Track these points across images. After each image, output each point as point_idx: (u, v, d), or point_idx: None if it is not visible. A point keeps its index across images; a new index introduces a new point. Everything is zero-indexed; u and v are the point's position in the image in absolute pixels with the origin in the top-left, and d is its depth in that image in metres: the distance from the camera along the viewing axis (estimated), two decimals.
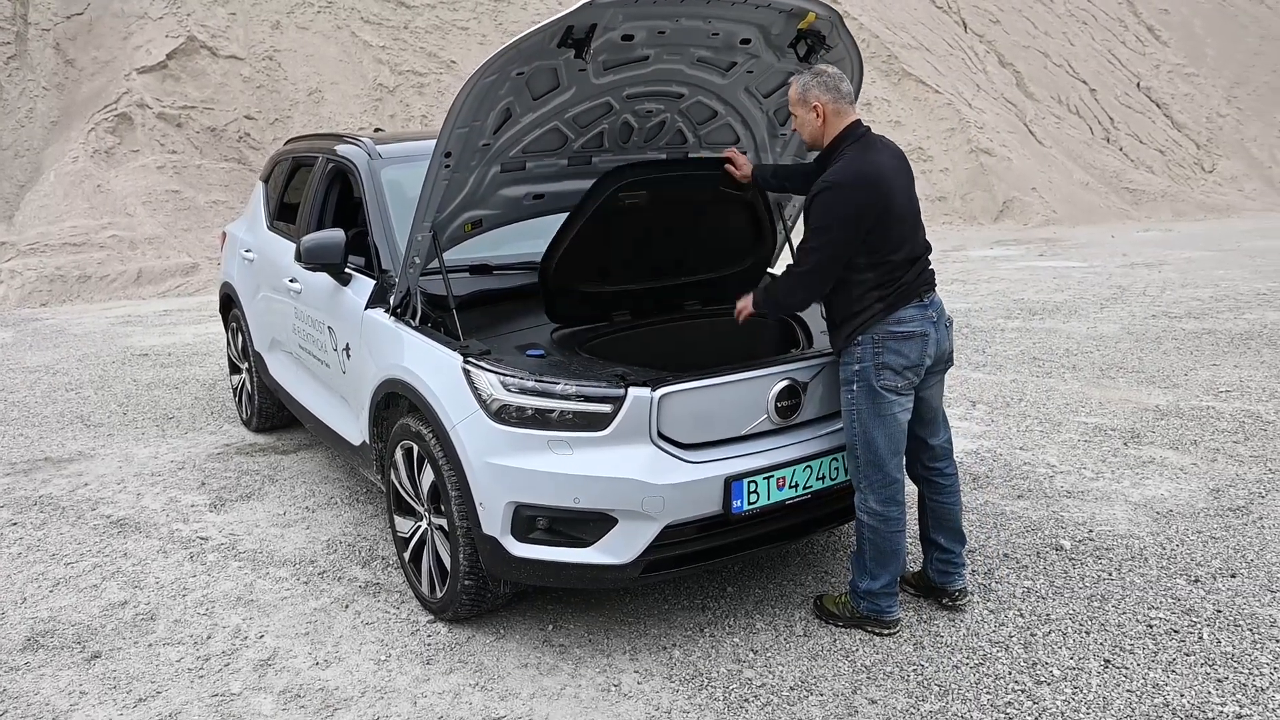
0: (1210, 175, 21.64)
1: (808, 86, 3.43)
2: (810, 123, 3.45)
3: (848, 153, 3.38)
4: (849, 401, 3.44)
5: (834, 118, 3.43)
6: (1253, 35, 26.26)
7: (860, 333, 3.38)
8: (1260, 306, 9.33)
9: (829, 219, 3.30)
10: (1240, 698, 3.14)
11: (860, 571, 3.55)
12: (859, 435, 3.42)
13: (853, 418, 3.43)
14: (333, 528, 4.59)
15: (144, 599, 3.97)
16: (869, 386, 3.38)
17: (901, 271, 3.39)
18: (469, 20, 18.15)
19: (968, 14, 23.25)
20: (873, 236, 3.32)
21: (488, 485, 3.30)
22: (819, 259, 3.34)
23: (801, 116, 3.47)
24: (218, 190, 14.15)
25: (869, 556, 3.51)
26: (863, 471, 3.45)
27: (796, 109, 3.48)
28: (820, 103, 3.41)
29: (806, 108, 3.44)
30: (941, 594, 3.75)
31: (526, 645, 3.54)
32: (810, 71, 3.47)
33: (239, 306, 5.84)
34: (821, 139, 3.47)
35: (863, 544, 3.52)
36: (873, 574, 3.51)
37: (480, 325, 3.74)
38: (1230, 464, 5.17)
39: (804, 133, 3.51)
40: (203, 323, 9.85)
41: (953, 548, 3.71)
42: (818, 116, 3.43)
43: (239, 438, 5.96)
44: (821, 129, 3.45)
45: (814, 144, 3.52)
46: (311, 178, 5.09)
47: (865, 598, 3.55)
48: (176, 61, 15.16)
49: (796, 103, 3.47)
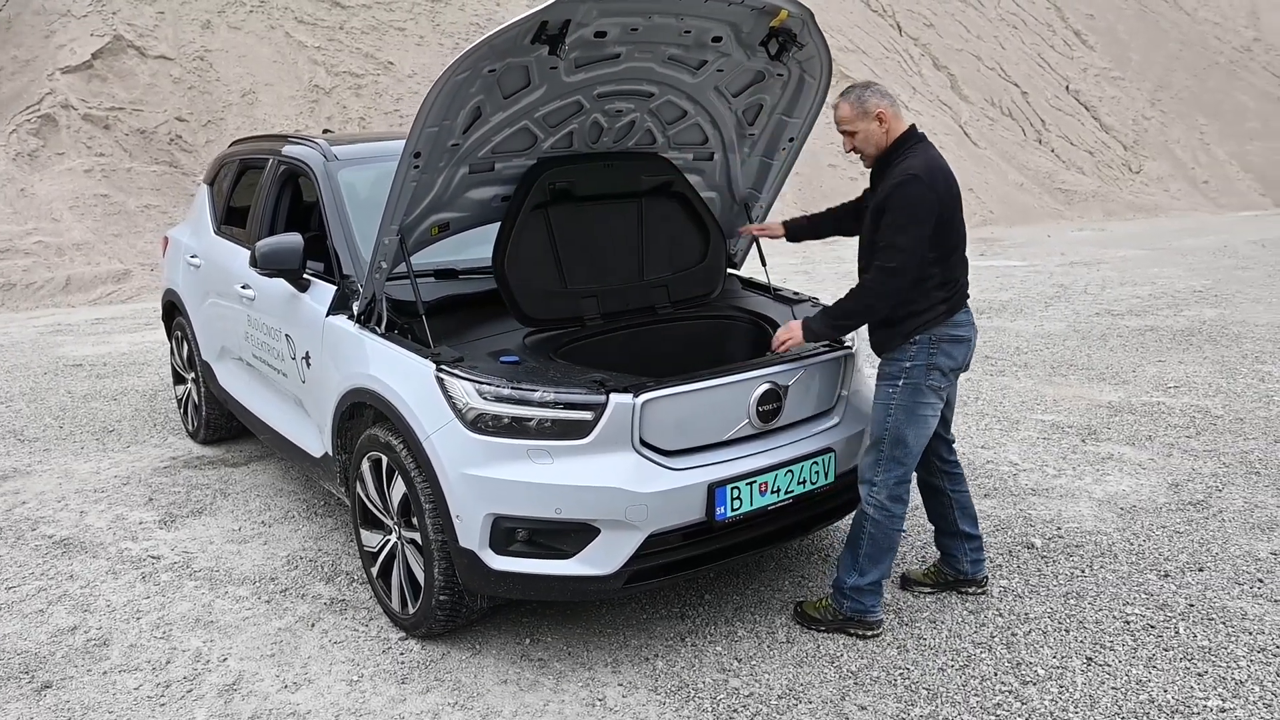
0: (1138, 176, 22.24)
1: (863, 97, 3.39)
2: (875, 132, 3.40)
3: (915, 150, 3.36)
4: (888, 396, 3.42)
5: (895, 121, 3.40)
6: (1173, 41, 27.11)
7: (919, 332, 3.37)
8: (1197, 304, 9.57)
9: (917, 211, 3.25)
10: (1221, 691, 3.17)
11: (849, 568, 3.52)
12: (890, 431, 3.42)
13: (888, 413, 3.42)
14: (292, 543, 4.43)
15: (95, 623, 3.77)
16: (916, 386, 3.37)
17: (959, 271, 3.40)
18: (405, 21, 17.87)
19: (902, 18, 23.59)
20: (940, 232, 3.31)
21: (465, 497, 3.19)
22: (905, 257, 3.27)
23: (864, 129, 3.40)
24: (149, 194, 13.70)
25: (864, 552, 3.49)
26: (882, 466, 3.45)
27: (856, 124, 3.40)
28: (882, 109, 3.37)
29: (869, 118, 3.38)
30: (970, 584, 3.82)
31: (504, 660, 3.44)
32: (853, 87, 3.44)
33: (184, 314, 5.61)
34: (886, 148, 3.41)
35: (860, 538, 3.49)
36: (862, 570, 3.49)
37: (449, 331, 3.62)
38: (1186, 459, 5.25)
39: (868, 146, 3.43)
40: (139, 331, 9.50)
41: (977, 533, 3.81)
42: (882, 124, 3.38)
43: (186, 450, 5.73)
44: (887, 137, 3.39)
45: (877, 154, 3.44)
46: (262, 180, 4.91)
47: (850, 595, 3.52)
48: (103, 61, 14.66)
49: (855, 118, 3.40)
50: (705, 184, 4.41)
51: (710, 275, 4.26)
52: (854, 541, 3.53)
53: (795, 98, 4.04)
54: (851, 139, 3.45)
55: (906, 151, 3.38)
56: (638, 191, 4.09)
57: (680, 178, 4.17)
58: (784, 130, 4.20)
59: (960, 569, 3.82)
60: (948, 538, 3.82)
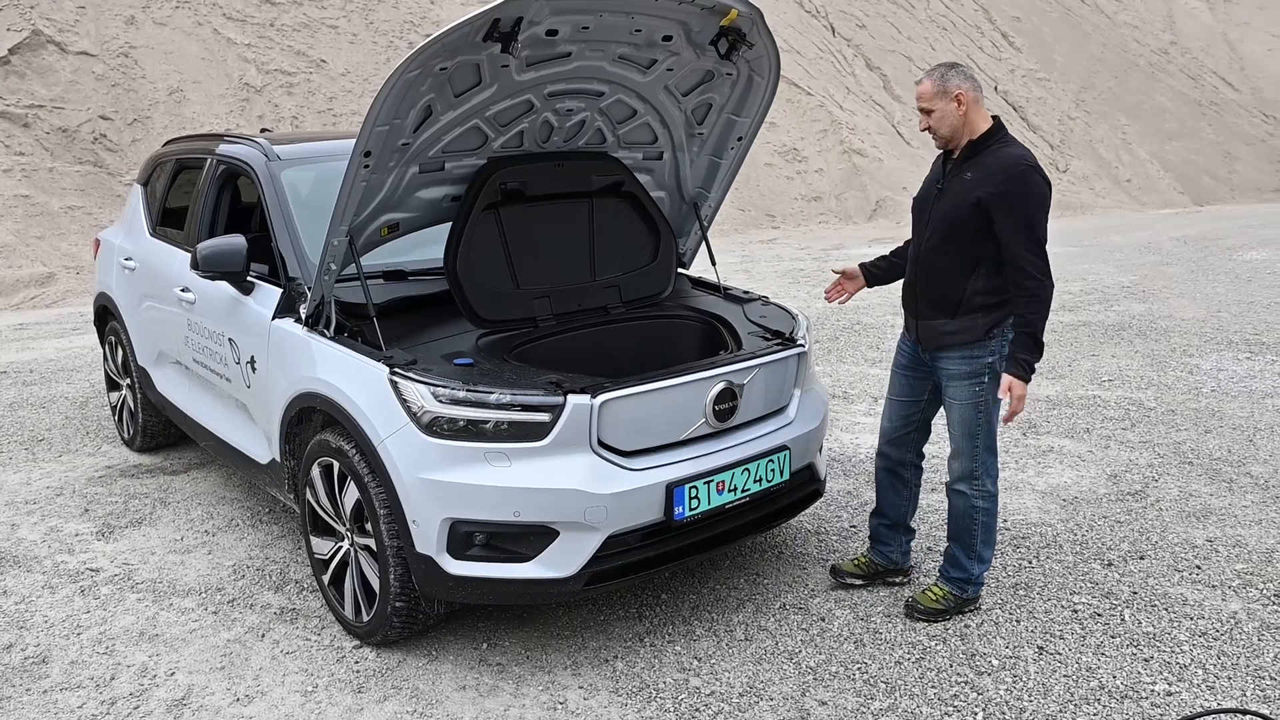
0: (1065, 175, 22.80)
1: (946, 76, 3.34)
2: (951, 114, 3.34)
3: (1011, 140, 3.37)
4: (977, 394, 3.45)
5: (975, 107, 3.35)
6: (1095, 43, 27.87)
7: (1000, 324, 3.40)
8: (1126, 299, 9.84)
9: (1044, 201, 3.28)
10: (1167, 675, 3.26)
11: (969, 558, 3.61)
12: (983, 425, 3.49)
13: (979, 409, 3.47)
14: (237, 551, 4.32)
15: (32, 640, 3.64)
16: (998, 376, 3.40)
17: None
18: (338, 18, 17.56)
19: (835, 19, 23.88)
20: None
21: (421, 502, 3.14)
22: (1043, 247, 3.28)
23: (941, 108, 3.34)
24: (73, 195, 13.26)
25: (980, 540, 3.59)
26: (980, 458, 3.53)
27: (935, 102, 3.34)
28: (962, 90, 3.32)
29: (947, 98, 3.33)
30: (898, 574, 3.91)
31: (462, 666, 3.39)
32: (938, 66, 3.40)
33: (118, 318, 5.44)
34: (961, 132, 3.37)
35: (974, 529, 3.59)
36: (982, 556, 3.62)
37: (400, 334, 3.56)
38: (1123, 450, 5.40)
39: (943, 128, 3.37)
40: (66, 336, 9.20)
41: (914, 528, 3.95)
42: (960, 106, 3.33)
43: (121, 459, 5.56)
44: (963, 120, 3.35)
45: (951, 138, 3.40)
46: (200, 181, 4.78)
47: (975, 583, 3.64)
48: (20, 57, 14.15)
49: (935, 95, 3.34)
50: (655, 183, 4.41)
51: (661, 275, 4.26)
52: (964, 535, 3.61)
53: (744, 97, 4.06)
54: (928, 117, 3.40)
55: (1004, 140, 3.36)
56: (588, 191, 4.07)
57: (631, 177, 4.16)
58: (732, 129, 4.22)
59: (893, 559, 3.89)
60: (889, 529, 3.87)
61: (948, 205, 3.40)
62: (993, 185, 3.27)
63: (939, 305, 3.46)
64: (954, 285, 3.42)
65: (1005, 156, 3.31)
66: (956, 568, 3.65)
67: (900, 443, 3.77)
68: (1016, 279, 3.29)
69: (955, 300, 3.42)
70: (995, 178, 3.27)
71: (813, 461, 3.84)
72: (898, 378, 3.75)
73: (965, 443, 3.53)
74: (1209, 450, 5.34)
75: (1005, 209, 3.25)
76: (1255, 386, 6.55)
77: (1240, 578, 3.91)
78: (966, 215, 3.33)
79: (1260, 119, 29.55)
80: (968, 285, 3.39)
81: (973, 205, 3.30)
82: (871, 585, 3.88)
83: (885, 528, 3.88)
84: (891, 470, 3.82)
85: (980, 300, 3.39)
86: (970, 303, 3.40)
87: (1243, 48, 32.34)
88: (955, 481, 3.60)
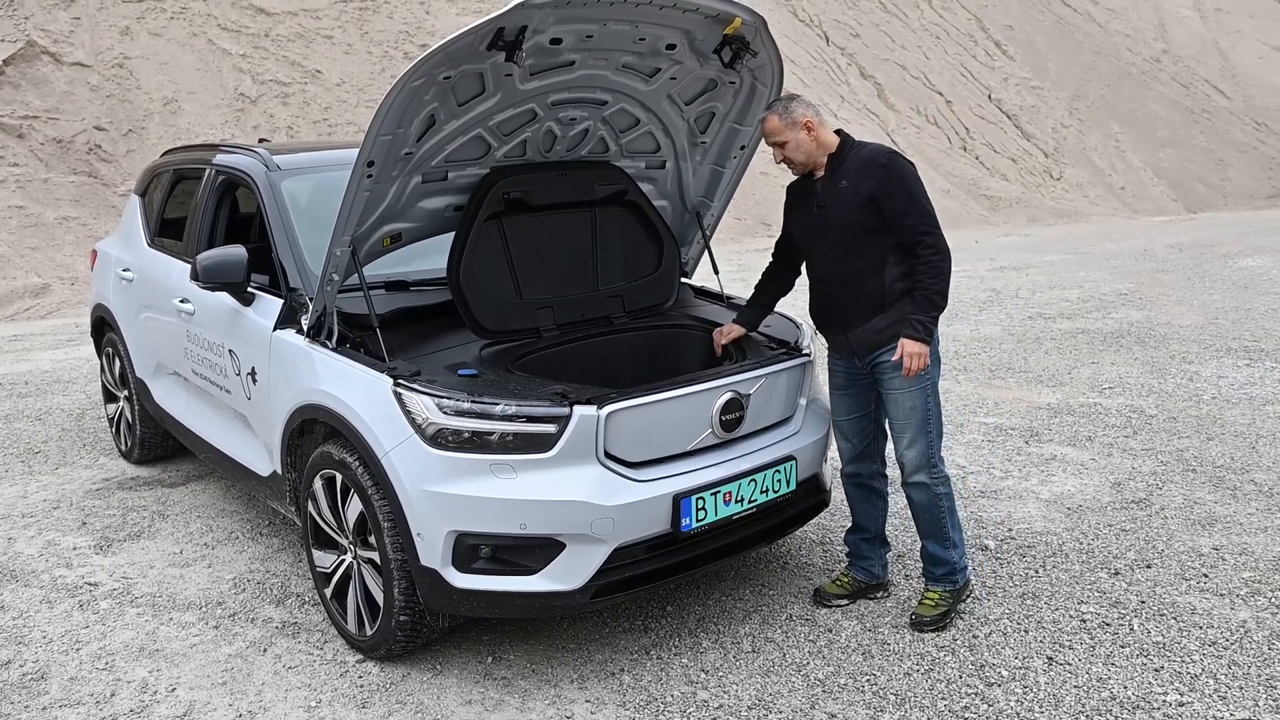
0: (1059, 182, 22.89)
1: (789, 108, 3.50)
2: (804, 142, 3.50)
3: (861, 144, 3.52)
4: (922, 377, 3.50)
5: (821, 129, 3.51)
6: (1088, 52, 27.99)
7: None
8: (1124, 306, 9.85)
9: (914, 174, 3.45)
10: (1179, 685, 3.23)
11: (947, 548, 3.63)
12: (934, 409, 3.56)
13: (928, 393, 3.53)
14: (237, 564, 4.28)
15: (31, 656, 3.59)
16: (937, 358, 3.55)
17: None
18: (333, 28, 17.57)
19: (829, 28, 23.96)
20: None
21: (426, 514, 3.11)
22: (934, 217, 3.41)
23: (793, 139, 3.49)
24: (68, 206, 13.23)
25: (951, 526, 3.62)
26: (934, 446, 3.57)
27: (785, 134, 3.49)
28: (809, 117, 3.48)
29: (797, 128, 3.48)
30: (879, 588, 3.89)
31: (467, 680, 3.36)
32: (777, 100, 3.58)
33: (116, 330, 5.40)
34: (815, 154, 3.52)
35: (943, 518, 3.61)
36: (955, 541, 3.64)
37: (403, 345, 3.54)
38: (1125, 458, 5.38)
39: (799, 156, 3.52)
40: (62, 347, 9.15)
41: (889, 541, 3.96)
42: (810, 131, 3.48)
43: (119, 471, 5.51)
44: (815, 143, 3.50)
45: (808, 162, 3.55)
46: (199, 191, 4.76)
47: (960, 569, 3.66)
48: (15, 68, 14.13)
49: (784, 128, 3.49)
50: (657, 192, 4.39)
51: (665, 284, 4.24)
52: (936, 527, 3.62)
53: (747, 106, 4.04)
54: (782, 149, 3.53)
55: (857, 144, 3.53)
56: (591, 201, 4.05)
57: (634, 187, 4.14)
58: (735, 138, 4.20)
59: (874, 573, 3.86)
60: (869, 543, 3.85)
61: (838, 216, 3.50)
62: (871, 180, 3.41)
63: (867, 308, 3.53)
64: (874, 284, 3.50)
65: (867, 154, 3.47)
66: (939, 564, 3.65)
67: (864, 456, 3.80)
68: (917, 252, 3.41)
69: (879, 296, 3.51)
70: (868, 173, 3.42)
71: (818, 472, 3.82)
72: (840, 400, 3.76)
73: (918, 429, 3.55)
74: (1212, 457, 5.33)
75: (887, 194, 3.39)
76: (1256, 393, 6.54)
77: (1248, 586, 3.89)
78: (859, 216, 3.44)
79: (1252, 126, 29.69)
80: (884, 277, 3.49)
81: (861, 204, 3.43)
82: (855, 603, 3.84)
83: (864, 542, 3.86)
84: (862, 485, 3.83)
85: (901, 286, 3.49)
86: (893, 291, 3.50)
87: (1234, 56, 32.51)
88: (912, 474, 3.60)
